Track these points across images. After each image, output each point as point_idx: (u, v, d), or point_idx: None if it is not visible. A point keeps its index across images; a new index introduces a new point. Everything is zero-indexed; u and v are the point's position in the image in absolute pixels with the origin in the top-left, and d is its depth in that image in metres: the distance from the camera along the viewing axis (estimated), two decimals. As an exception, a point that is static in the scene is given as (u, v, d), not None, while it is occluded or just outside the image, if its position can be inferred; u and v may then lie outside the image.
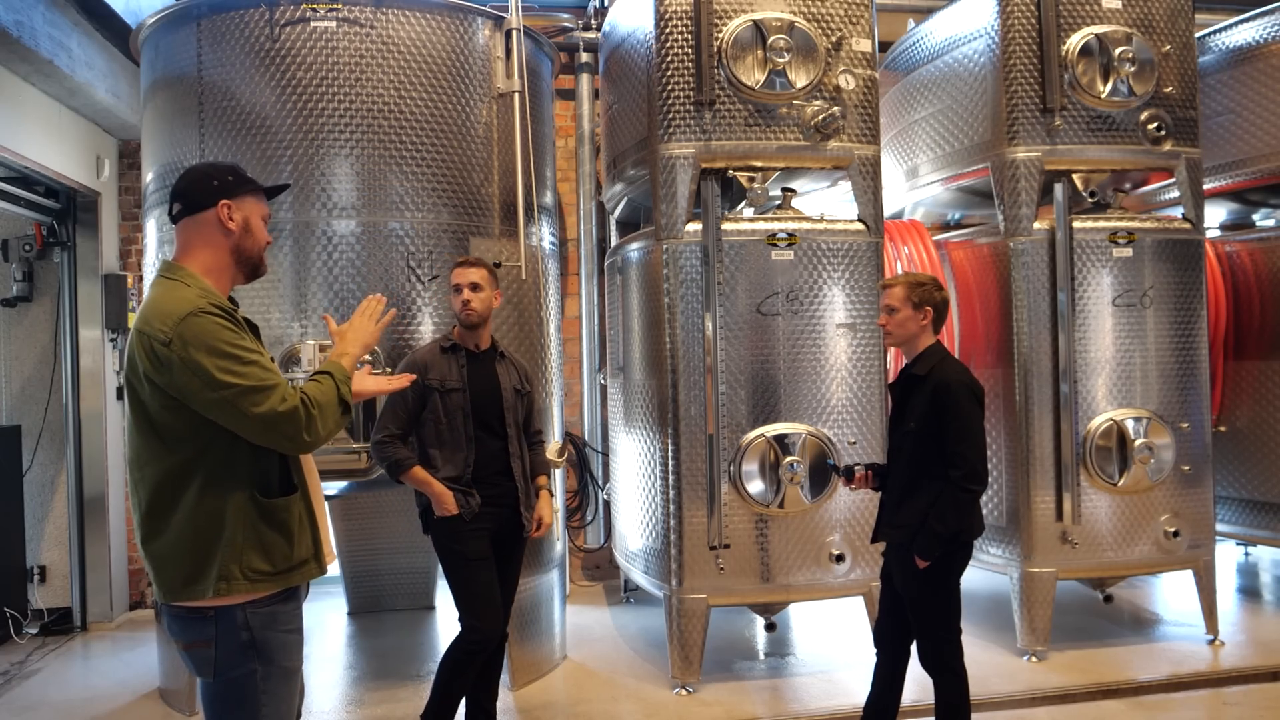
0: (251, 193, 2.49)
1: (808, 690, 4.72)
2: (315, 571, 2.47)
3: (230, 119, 4.43)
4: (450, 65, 4.61)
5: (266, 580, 2.33)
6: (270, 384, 2.26)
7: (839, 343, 4.81)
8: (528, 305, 4.88)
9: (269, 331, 4.35)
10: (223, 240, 2.43)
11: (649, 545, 4.96)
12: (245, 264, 2.49)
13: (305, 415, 2.28)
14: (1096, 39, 4.98)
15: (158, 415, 2.27)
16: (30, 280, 6.12)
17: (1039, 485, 5.00)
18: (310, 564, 2.45)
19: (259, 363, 2.28)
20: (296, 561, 2.40)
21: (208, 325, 2.24)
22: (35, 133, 5.32)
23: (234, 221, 2.43)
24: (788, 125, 4.79)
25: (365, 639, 5.83)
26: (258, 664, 2.33)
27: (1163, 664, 4.93)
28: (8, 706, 4.74)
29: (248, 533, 2.31)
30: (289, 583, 2.39)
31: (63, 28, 5.00)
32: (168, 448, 2.29)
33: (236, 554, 2.29)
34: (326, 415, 2.33)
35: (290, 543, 2.38)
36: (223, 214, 2.41)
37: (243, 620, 2.31)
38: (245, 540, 2.31)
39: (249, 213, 2.46)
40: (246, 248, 2.47)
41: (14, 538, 5.92)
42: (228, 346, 2.24)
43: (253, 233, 2.47)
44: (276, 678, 2.37)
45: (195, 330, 2.23)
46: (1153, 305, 5.11)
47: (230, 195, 2.43)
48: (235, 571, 2.28)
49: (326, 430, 2.34)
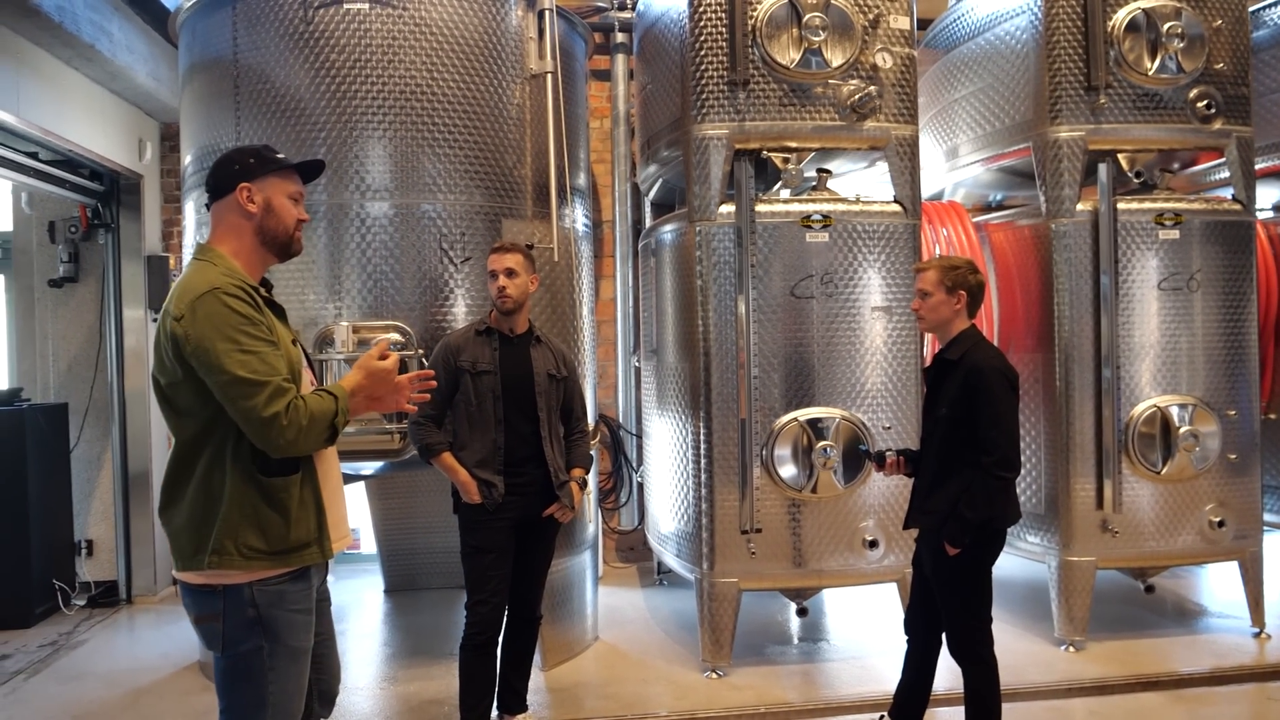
0: (276, 173, 2.49)
1: (839, 676, 4.69)
2: (317, 556, 2.45)
3: (265, 102, 4.46)
4: (483, 46, 4.59)
5: (262, 559, 2.34)
6: (260, 380, 2.24)
7: (874, 326, 4.74)
8: (560, 287, 4.88)
9: (304, 313, 4.40)
10: (245, 223, 2.46)
11: (681, 528, 4.95)
12: (272, 244, 2.51)
13: (284, 424, 2.25)
14: (1144, 14, 4.82)
15: (169, 390, 2.35)
16: (76, 261, 6.23)
17: (1079, 472, 4.90)
18: (313, 548, 2.44)
19: (260, 354, 2.27)
20: (295, 544, 2.40)
21: (218, 307, 2.26)
22: (79, 116, 5.41)
23: (254, 204, 2.45)
24: (823, 105, 4.71)
25: (401, 616, 5.90)
26: (264, 641, 2.36)
27: (1205, 656, 4.82)
28: (55, 675, 4.87)
29: (245, 509, 2.33)
30: (287, 564, 2.39)
31: (104, 12, 5.07)
32: (181, 422, 2.36)
33: (231, 529, 2.31)
34: (310, 433, 2.29)
35: (287, 523, 2.37)
36: (242, 197, 2.44)
37: (250, 597, 2.34)
38: (241, 517, 2.32)
39: (271, 193, 2.47)
40: (270, 228, 2.48)
41: (62, 512, 6.07)
42: (233, 330, 2.25)
43: (276, 213, 2.48)
44: (283, 656, 2.39)
45: (206, 310, 2.26)
46: (1200, 289, 4.97)
47: (250, 178, 2.45)
48: (229, 547, 2.31)
49: (301, 447, 2.31)
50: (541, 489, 3.89)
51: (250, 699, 2.38)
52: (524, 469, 3.86)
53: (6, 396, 5.84)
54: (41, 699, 4.57)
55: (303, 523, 2.41)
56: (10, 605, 5.63)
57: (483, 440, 3.82)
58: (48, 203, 6.19)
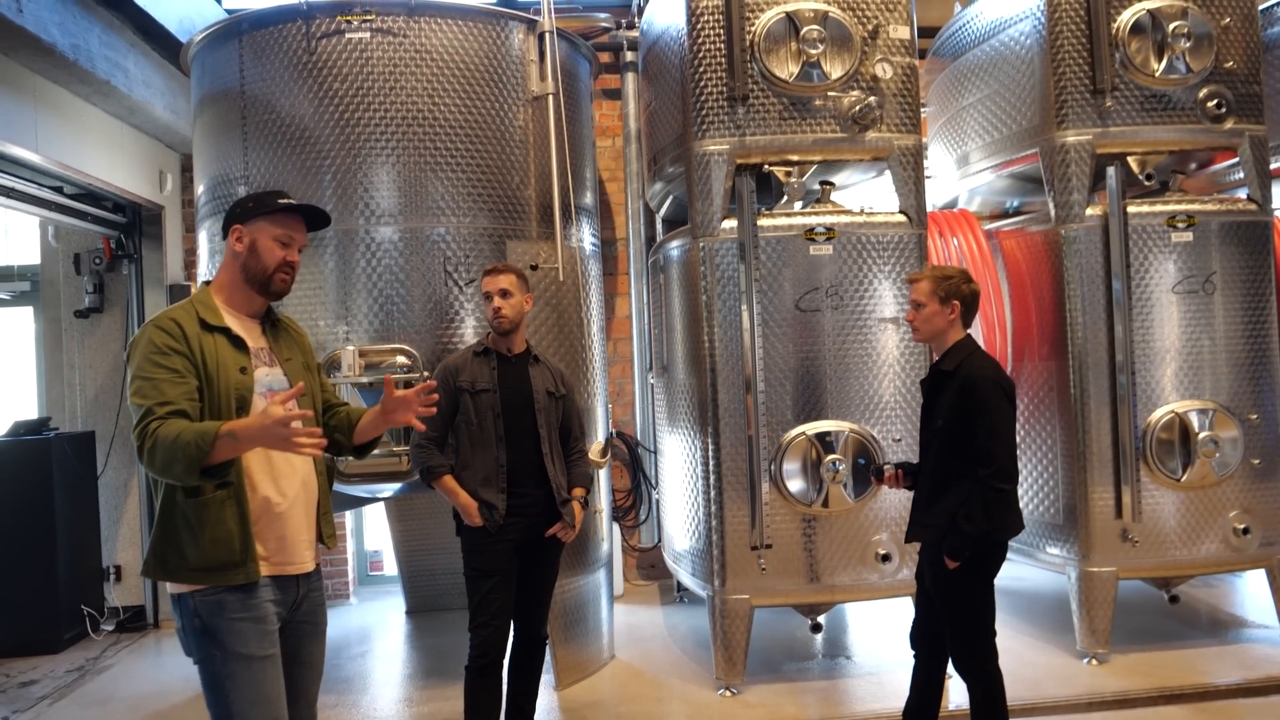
0: (266, 217, 2.67)
1: (855, 692, 4.64)
2: (239, 578, 2.49)
3: (271, 131, 4.55)
4: (484, 70, 4.65)
5: (185, 573, 2.48)
6: (142, 406, 2.38)
7: (882, 338, 4.71)
8: (567, 306, 4.90)
9: (314, 337, 4.44)
10: (233, 261, 2.68)
11: (694, 546, 4.94)
12: (254, 281, 2.67)
13: (141, 447, 2.36)
14: (1149, 15, 4.76)
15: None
16: (101, 292, 6.39)
17: (1097, 481, 4.81)
18: (236, 570, 2.49)
19: (154, 380, 2.41)
20: (214, 564, 2.47)
21: (146, 339, 2.48)
22: (99, 151, 5.55)
23: (240, 244, 2.66)
24: (824, 117, 4.70)
25: (421, 638, 5.94)
26: (215, 650, 2.48)
27: (1233, 668, 4.70)
28: (80, 700, 4.96)
29: (168, 528, 2.49)
30: (208, 581, 2.48)
31: (119, 49, 5.20)
32: None
33: (158, 545, 2.50)
34: (160, 459, 2.33)
35: (201, 544, 2.46)
36: (232, 238, 2.67)
37: (193, 607, 2.49)
38: (165, 534, 2.49)
39: (257, 235, 2.65)
40: (252, 266, 2.65)
41: (91, 538, 6.20)
42: (141, 359, 2.45)
43: (258, 253, 2.65)
44: (235, 664, 2.48)
45: (139, 339, 2.50)
46: (1217, 291, 4.87)
47: (242, 220, 2.66)
48: (153, 560, 2.51)
49: (165, 474, 2.38)
50: (544, 509, 3.90)
51: (219, 709, 2.50)
52: (526, 488, 3.86)
53: (35, 425, 5.98)
54: (65, 723, 4.66)
55: (222, 544, 2.47)
56: (39, 630, 5.74)
57: (485, 459, 3.84)
58: (73, 236, 6.35)
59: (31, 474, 5.74)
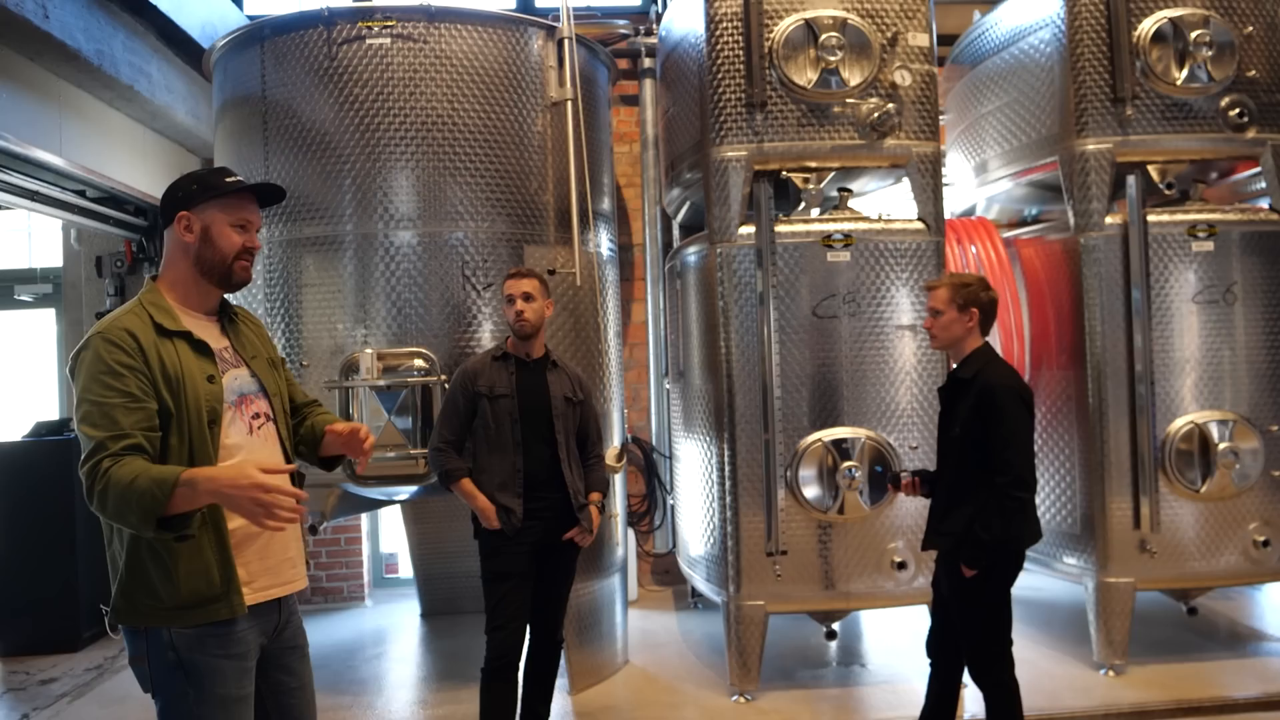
0: (217, 199, 2.35)
1: (869, 700, 4.62)
2: (223, 612, 2.24)
3: (293, 136, 4.59)
4: (504, 76, 4.67)
5: (161, 614, 2.20)
6: (90, 438, 2.10)
7: (899, 345, 4.70)
8: (584, 311, 4.91)
9: (332, 340, 4.50)
10: (183, 253, 2.35)
11: (709, 551, 4.93)
12: (211, 273, 2.36)
13: (89, 485, 2.08)
14: (1170, 23, 4.74)
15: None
16: (122, 294, 6.45)
17: (1115, 491, 4.78)
18: (218, 604, 2.23)
19: (105, 406, 2.12)
20: (191, 600, 2.20)
21: (91, 355, 2.17)
22: (121, 155, 5.60)
23: (191, 233, 2.33)
24: (842, 124, 4.70)
25: (436, 640, 5.95)
26: (189, 688, 2.22)
27: (1252, 680, 4.66)
28: (98, 698, 5.00)
29: (135, 568, 2.20)
30: (183, 621, 2.20)
31: (142, 54, 5.26)
32: None
33: (126, 587, 2.20)
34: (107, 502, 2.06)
35: (175, 581, 2.18)
36: (180, 227, 2.33)
37: (168, 640, 2.21)
38: (132, 575, 2.20)
39: (210, 220, 2.33)
40: (207, 257, 2.34)
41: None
42: (90, 379, 2.15)
43: (213, 241, 2.33)
44: (210, 705, 2.24)
45: (85, 355, 2.19)
46: (1238, 301, 4.83)
47: (188, 205, 2.33)
48: (124, 604, 2.21)
49: (111, 515, 2.09)
50: (560, 513, 3.91)
51: None
52: (543, 493, 3.88)
53: (56, 426, 6.04)
54: (83, 722, 4.69)
55: (198, 578, 2.21)
56: (59, 630, 5.79)
57: (502, 463, 3.85)
58: (95, 238, 6.42)
59: (52, 474, 5.79)
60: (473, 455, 3.91)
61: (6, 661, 5.66)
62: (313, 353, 4.55)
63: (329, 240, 4.56)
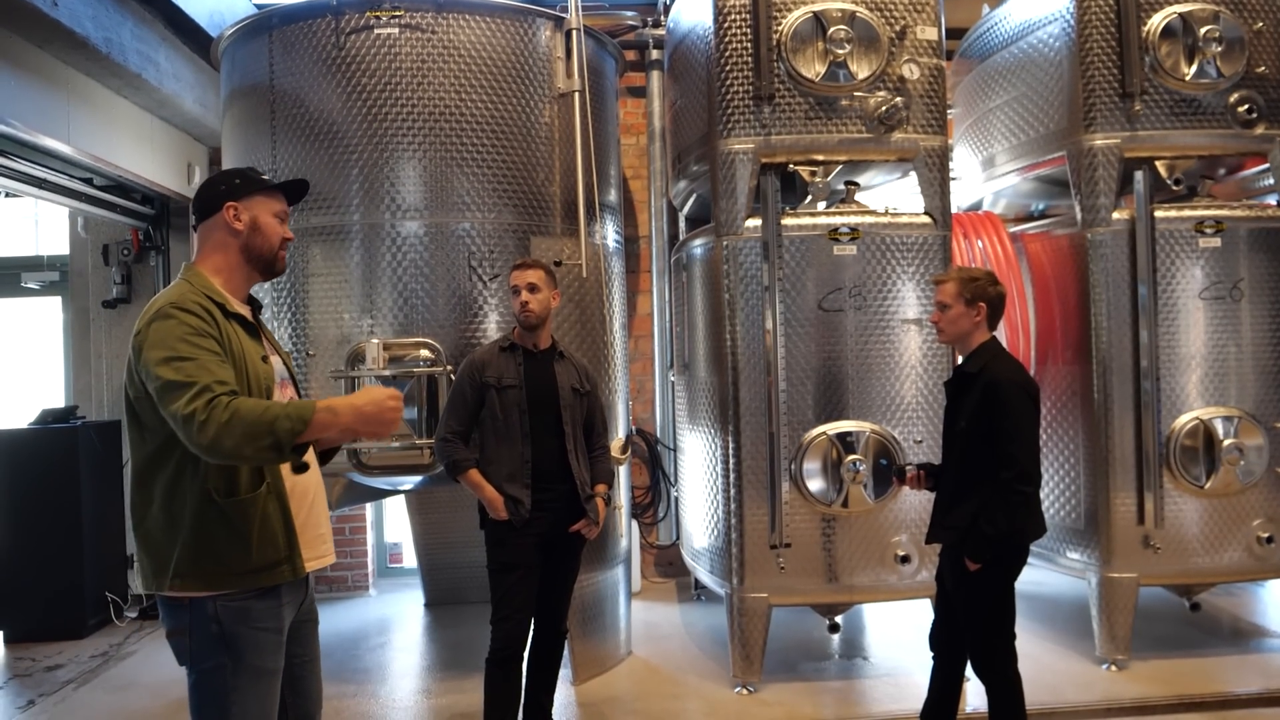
0: (261, 192, 2.53)
1: (872, 693, 4.64)
2: (288, 574, 2.40)
3: (300, 126, 4.59)
4: (511, 67, 4.67)
5: (226, 579, 2.31)
6: (189, 381, 2.18)
7: (905, 339, 4.70)
8: (590, 303, 4.92)
9: (338, 330, 4.51)
10: (232, 240, 2.49)
11: (712, 543, 4.94)
12: (257, 262, 2.53)
13: (202, 420, 2.14)
14: (1180, 18, 4.72)
15: (135, 403, 2.34)
16: (129, 283, 6.46)
17: (1119, 487, 4.78)
18: (283, 567, 2.39)
19: (195, 359, 2.22)
20: (261, 565, 2.35)
21: (169, 322, 2.27)
22: (129, 143, 5.61)
23: (240, 222, 2.48)
24: (850, 117, 4.70)
25: (440, 630, 5.97)
26: (227, 659, 2.32)
27: (1254, 676, 4.67)
28: (104, 685, 5.02)
29: (205, 534, 2.30)
30: (255, 584, 2.35)
31: (150, 42, 5.26)
32: (143, 438, 2.36)
33: (193, 555, 2.29)
34: (234, 431, 2.14)
35: (249, 546, 2.32)
36: (229, 215, 2.47)
37: (213, 612, 2.31)
38: (202, 542, 2.30)
39: (257, 212, 2.50)
40: (256, 245, 2.50)
41: (116, 526, 6.27)
42: (174, 340, 2.24)
43: (262, 230, 2.51)
44: (246, 675, 2.34)
45: (157, 324, 2.28)
46: (1244, 298, 4.83)
47: (235, 197, 2.48)
48: (190, 570, 2.30)
49: (226, 447, 2.16)
50: (567, 504, 3.92)
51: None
52: (551, 484, 3.88)
53: (62, 414, 6.06)
54: (88, 708, 4.71)
55: (268, 543, 2.36)
56: (65, 617, 5.81)
57: (510, 455, 3.86)
58: (102, 227, 6.42)
59: (58, 462, 5.82)
60: (479, 446, 3.92)
61: (12, 648, 5.70)
62: (319, 342, 4.56)
63: (336, 230, 4.57)
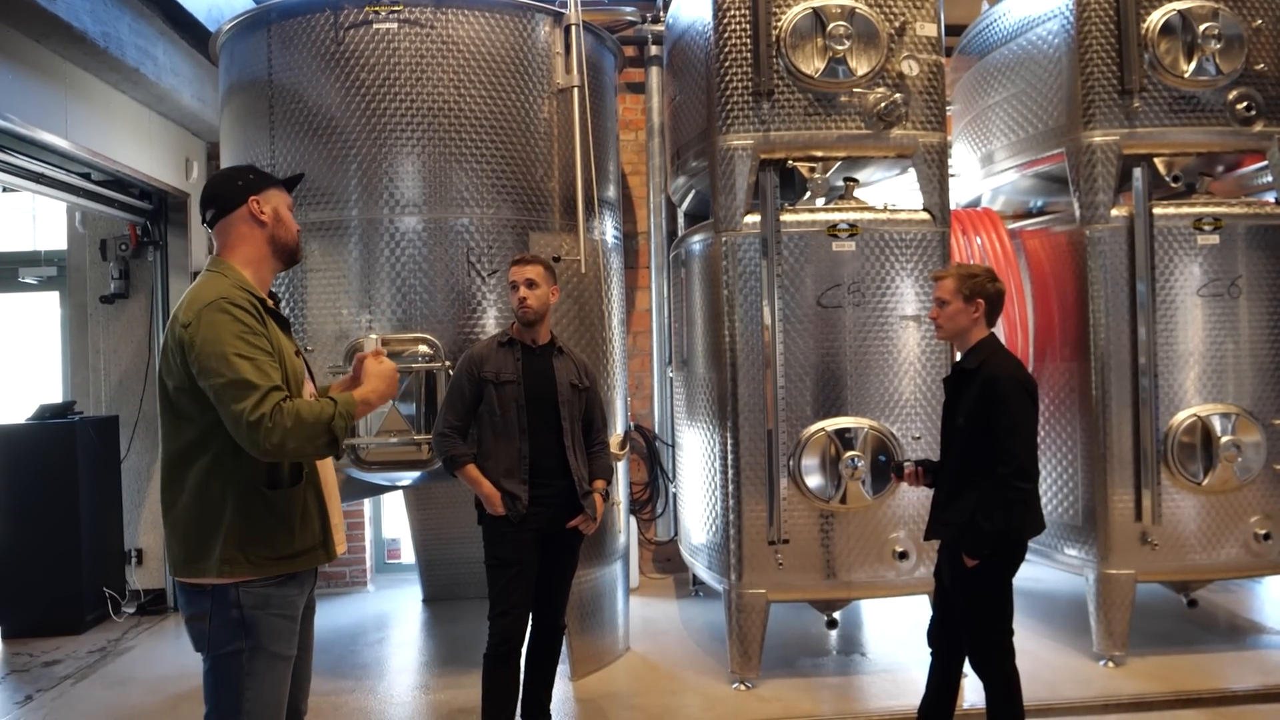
0: (274, 186, 2.65)
1: (870, 689, 4.64)
2: (323, 558, 2.57)
3: (299, 120, 4.58)
4: (510, 62, 4.66)
5: (270, 563, 2.43)
6: (253, 383, 2.29)
7: (904, 335, 4.70)
8: (588, 299, 4.91)
9: (336, 325, 4.51)
10: (259, 232, 2.58)
11: (711, 539, 4.95)
12: (281, 252, 2.64)
13: (269, 427, 2.27)
14: (1179, 15, 4.73)
15: (174, 395, 2.41)
16: (126, 278, 6.45)
17: (1117, 483, 4.79)
18: (318, 551, 2.55)
19: (256, 360, 2.33)
20: (301, 548, 2.50)
21: (222, 315, 2.35)
22: (126, 138, 5.59)
23: (265, 214, 2.58)
24: (849, 114, 4.69)
25: (438, 626, 5.97)
26: (244, 643, 2.40)
27: (1250, 673, 4.68)
28: (101, 680, 5.02)
29: (251, 522, 2.41)
30: (294, 567, 2.48)
31: (148, 37, 5.24)
32: (179, 428, 2.42)
33: (238, 540, 2.39)
34: (296, 435, 2.31)
35: (292, 533, 2.47)
36: (254, 208, 2.57)
37: (235, 597, 2.39)
38: (248, 529, 2.41)
39: (276, 204, 2.62)
40: (281, 236, 2.62)
41: (113, 522, 6.27)
42: (233, 338, 2.32)
43: (284, 221, 2.63)
44: (262, 660, 2.42)
45: (210, 318, 2.34)
46: (1243, 295, 4.83)
47: (256, 191, 2.58)
48: (238, 556, 2.39)
49: (289, 450, 2.32)
50: (565, 500, 3.91)
51: (226, 704, 2.41)
52: (549, 479, 3.88)
53: (60, 409, 6.05)
54: (86, 703, 4.71)
55: (308, 530, 2.52)
56: (63, 612, 5.81)
57: (508, 450, 3.86)
58: (99, 222, 6.41)
59: (56, 457, 5.81)
60: (478, 441, 3.92)
61: (10, 643, 5.69)
62: (317, 338, 4.56)
63: (334, 225, 4.56)
